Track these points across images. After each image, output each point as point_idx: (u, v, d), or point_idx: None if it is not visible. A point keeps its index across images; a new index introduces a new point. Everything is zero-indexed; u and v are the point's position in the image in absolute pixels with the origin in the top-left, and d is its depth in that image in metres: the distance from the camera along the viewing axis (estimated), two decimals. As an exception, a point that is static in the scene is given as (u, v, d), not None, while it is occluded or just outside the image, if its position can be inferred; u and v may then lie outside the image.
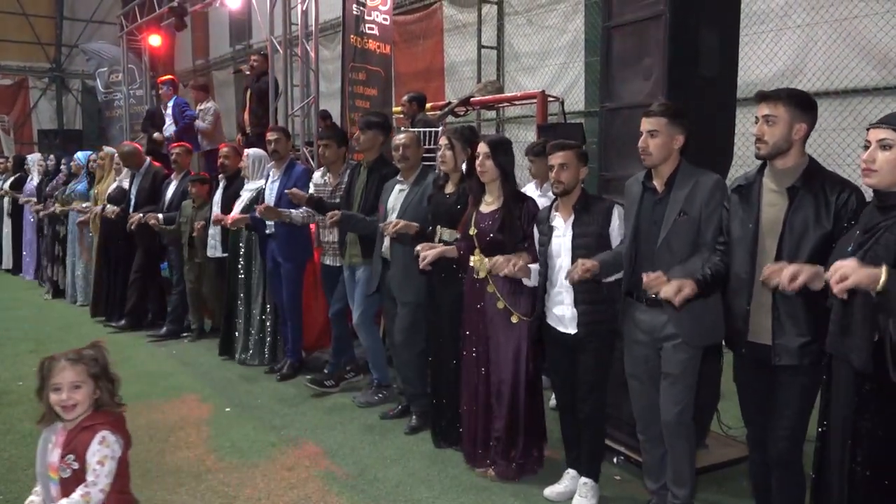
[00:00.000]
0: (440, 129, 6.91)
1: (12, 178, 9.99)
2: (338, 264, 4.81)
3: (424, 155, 4.53)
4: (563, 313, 3.20)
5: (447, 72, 10.72)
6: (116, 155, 7.14)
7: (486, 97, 8.72)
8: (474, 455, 3.66)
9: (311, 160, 6.83)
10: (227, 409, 4.61)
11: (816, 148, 6.32)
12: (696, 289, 2.55)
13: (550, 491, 3.37)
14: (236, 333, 5.67)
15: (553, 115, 8.14)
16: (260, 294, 5.55)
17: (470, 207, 3.63)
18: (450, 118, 8.02)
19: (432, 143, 7.11)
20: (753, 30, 6.50)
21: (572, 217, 3.18)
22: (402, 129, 6.01)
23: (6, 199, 9.98)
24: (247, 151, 5.63)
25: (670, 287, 2.55)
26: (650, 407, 3.00)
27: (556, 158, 3.15)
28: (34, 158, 9.78)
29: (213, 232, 5.85)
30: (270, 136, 5.21)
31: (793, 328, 2.47)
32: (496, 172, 3.50)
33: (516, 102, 8.73)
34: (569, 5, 8.90)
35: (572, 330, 3.17)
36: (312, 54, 7.08)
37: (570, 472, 3.40)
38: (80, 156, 8.10)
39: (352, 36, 6.41)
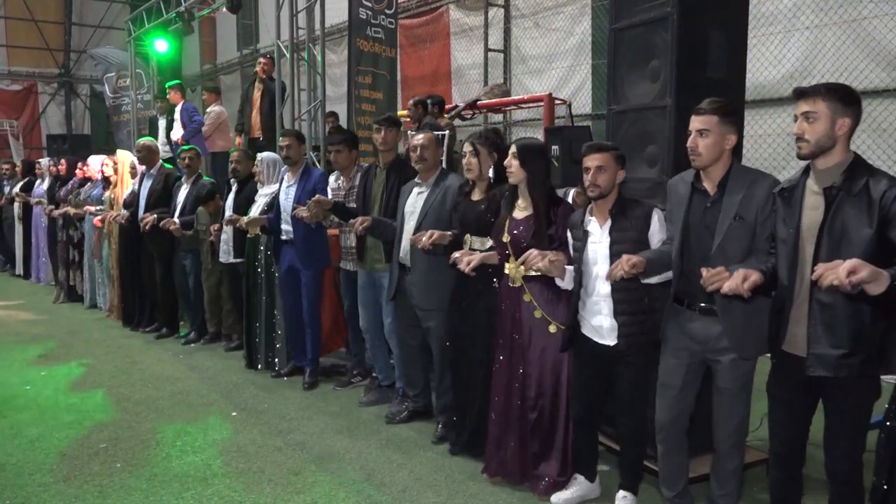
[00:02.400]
0: (446, 132, 6.92)
1: (22, 183, 9.97)
2: (355, 269, 4.70)
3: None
4: (600, 324, 3.04)
5: (454, 75, 10.73)
6: (133, 159, 7.03)
7: (493, 100, 8.72)
8: (500, 468, 3.52)
9: (317, 164, 6.83)
10: (234, 414, 4.60)
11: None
12: (763, 278, 2.41)
13: (558, 497, 3.33)
14: (257, 340, 5.53)
15: (560, 118, 8.13)
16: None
17: (503, 213, 3.48)
18: (456, 121, 8.01)
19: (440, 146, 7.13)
20: (762, 31, 6.48)
21: (609, 222, 3.02)
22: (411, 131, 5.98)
23: (16, 204, 9.95)
24: (260, 156, 5.52)
25: (735, 278, 2.38)
26: (678, 416, 2.90)
27: (592, 160, 2.98)
28: (46, 162, 9.74)
29: (226, 237, 5.76)
30: (283, 141, 5.10)
31: (829, 338, 2.34)
32: (522, 175, 3.34)
33: (523, 105, 8.73)
34: (576, 8, 8.90)
35: (611, 341, 3.02)
36: (319, 58, 7.09)
37: (579, 477, 3.36)
38: (93, 160, 7.98)
39: (358, 39, 6.42)
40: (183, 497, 3.46)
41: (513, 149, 3.36)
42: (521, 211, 3.41)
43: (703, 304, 2.76)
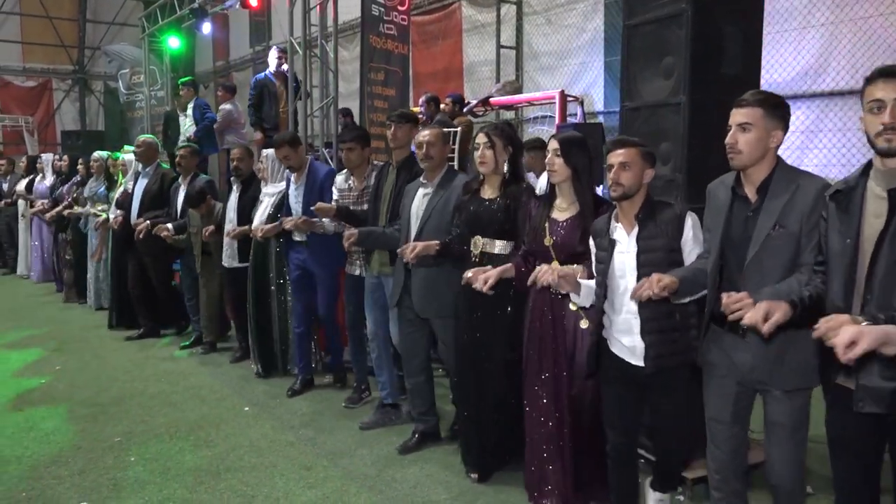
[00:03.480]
0: (459, 129, 6.93)
1: (27, 181, 9.79)
2: (360, 273, 4.44)
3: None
4: (633, 344, 2.68)
5: (466, 72, 10.72)
6: (126, 157, 6.82)
7: (505, 97, 8.72)
8: (541, 488, 3.22)
9: (330, 161, 6.84)
10: (246, 409, 4.63)
11: (841, 148, 6.24)
12: (789, 314, 2.06)
13: None
14: (271, 348, 5.30)
15: (572, 115, 8.11)
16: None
17: (538, 214, 3.17)
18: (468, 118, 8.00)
19: (451, 142, 7.13)
20: (776, 28, 6.43)
21: (636, 228, 2.68)
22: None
23: (21, 203, 9.80)
24: (265, 152, 5.23)
25: (757, 311, 2.05)
26: (733, 456, 2.56)
27: (615, 156, 2.68)
28: (48, 158, 9.61)
29: (229, 240, 5.45)
30: (279, 153, 4.79)
31: (883, 369, 1.95)
32: (567, 172, 3.06)
33: (535, 102, 8.72)
34: (588, 4, 8.86)
35: (643, 363, 2.69)
36: (331, 55, 7.10)
37: None
38: (98, 155, 7.67)
39: (371, 36, 6.41)
40: (196, 491, 3.49)
41: (553, 144, 3.09)
42: (562, 212, 3.11)
43: (742, 327, 2.31)
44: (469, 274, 3.19)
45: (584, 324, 3.03)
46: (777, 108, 2.37)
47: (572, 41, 9.12)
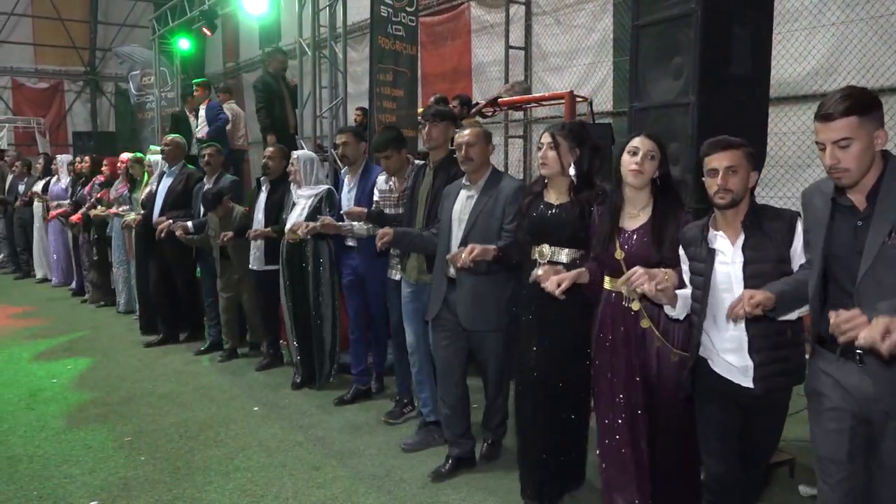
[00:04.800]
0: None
1: (43, 182, 9.59)
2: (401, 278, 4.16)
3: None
4: (744, 363, 2.41)
5: (474, 72, 10.71)
6: (152, 158, 6.73)
7: (514, 98, 8.70)
8: None
9: (339, 161, 6.84)
10: (256, 409, 4.64)
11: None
12: None
13: None
14: (313, 356, 5.03)
15: (581, 116, 8.10)
16: (330, 309, 4.99)
17: (605, 222, 2.85)
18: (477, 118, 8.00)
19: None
20: (786, 27, 6.40)
21: (742, 237, 2.40)
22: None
23: (37, 204, 9.61)
24: (295, 154, 5.07)
25: (873, 328, 1.78)
26: (847, 496, 2.18)
27: (719, 160, 2.39)
28: (63, 159, 9.46)
29: (257, 242, 5.31)
30: (338, 139, 4.73)
31: None
32: (653, 175, 2.74)
33: (544, 103, 8.70)
34: (597, 4, 8.84)
35: (750, 383, 2.41)
36: (340, 56, 7.12)
37: None
38: (125, 156, 7.45)
39: (380, 37, 6.42)
40: (205, 490, 3.50)
41: (645, 143, 2.73)
42: (634, 220, 2.79)
43: (860, 351, 1.99)
44: (539, 272, 2.88)
45: (674, 357, 2.70)
46: (870, 107, 2.03)
47: (581, 41, 9.10)
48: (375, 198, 4.44)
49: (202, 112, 8.81)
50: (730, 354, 2.43)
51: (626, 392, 2.79)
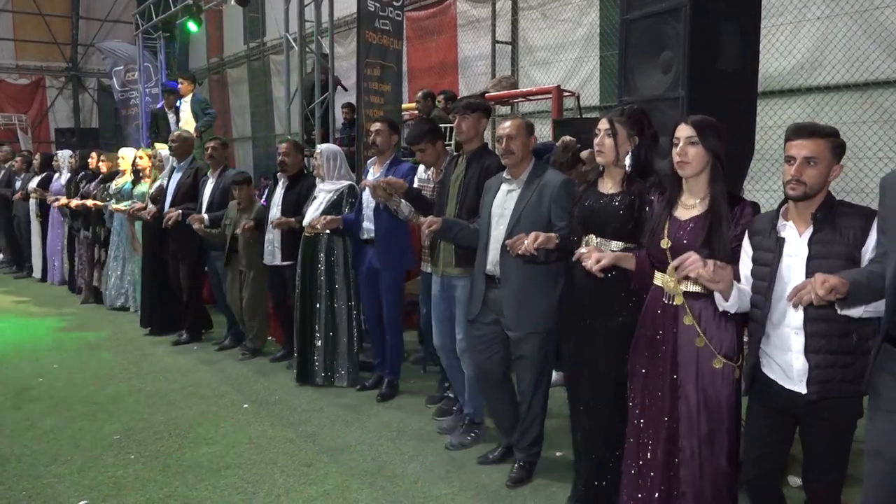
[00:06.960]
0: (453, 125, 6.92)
1: (39, 178, 9.34)
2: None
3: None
4: (793, 363, 2.26)
5: (461, 67, 10.73)
6: (163, 153, 6.61)
7: (501, 92, 8.72)
8: None
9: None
10: (245, 406, 4.62)
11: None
12: None
13: None
14: (314, 353, 4.95)
15: (568, 110, 8.12)
16: (345, 306, 4.93)
17: (659, 212, 2.67)
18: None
19: (448, 138, 7.14)
20: (772, 22, 6.45)
21: (810, 229, 2.24)
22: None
23: (33, 202, 9.36)
24: (319, 147, 4.99)
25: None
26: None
27: (799, 148, 2.21)
28: (64, 155, 9.21)
29: (272, 237, 5.19)
30: (374, 126, 4.65)
31: None
32: (704, 162, 2.53)
33: (531, 97, 8.73)
34: (584, -1, 8.87)
35: (803, 388, 2.24)
36: (327, 50, 7.09)
37: None
38: (127, 152, 7.35)
39: (366, 32, 6.41)
40: (196, 488, 3.49)
41: (686, 130, 2.54)
42: (687, 210, 2.60)
43: None
44: (583, 249, 2.77)
45: (717, 364, 2.49)
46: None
47: (568, 36, 9.13)
48: (415, 185, 4.37)
49: (185, 105, 8.73)
50: (784, 354, 2.28)
51: (654, 395, 2.64)
